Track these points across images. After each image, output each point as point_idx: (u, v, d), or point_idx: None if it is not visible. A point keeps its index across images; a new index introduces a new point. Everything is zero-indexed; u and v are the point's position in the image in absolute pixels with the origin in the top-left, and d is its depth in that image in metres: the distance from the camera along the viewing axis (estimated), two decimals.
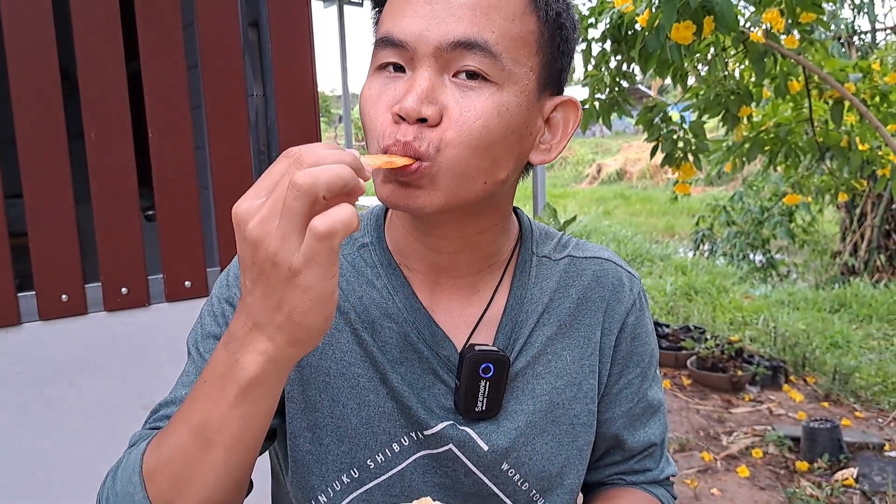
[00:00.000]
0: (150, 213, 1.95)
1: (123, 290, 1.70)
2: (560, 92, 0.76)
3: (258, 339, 0.57)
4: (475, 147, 0.68)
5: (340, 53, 7.88)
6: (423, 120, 0.66)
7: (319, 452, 0.78)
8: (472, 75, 0.68)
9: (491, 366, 0.77)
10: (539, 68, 0.71)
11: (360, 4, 7.61)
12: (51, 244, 1.62)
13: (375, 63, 0.71)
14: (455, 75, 0.68)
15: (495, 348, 0.79)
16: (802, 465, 3.47)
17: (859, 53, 6.88)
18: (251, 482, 0.73)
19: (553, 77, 0.74)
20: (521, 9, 0.69)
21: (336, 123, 19.90)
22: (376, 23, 0.76)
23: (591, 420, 0.85)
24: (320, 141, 1.92)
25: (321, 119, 2.02)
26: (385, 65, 0.70)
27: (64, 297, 1.64)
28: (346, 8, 7.54)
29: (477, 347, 0.78)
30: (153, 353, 1.73)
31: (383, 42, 0.69)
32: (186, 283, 1.78)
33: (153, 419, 0.78)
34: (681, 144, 3.07)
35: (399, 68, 0.69)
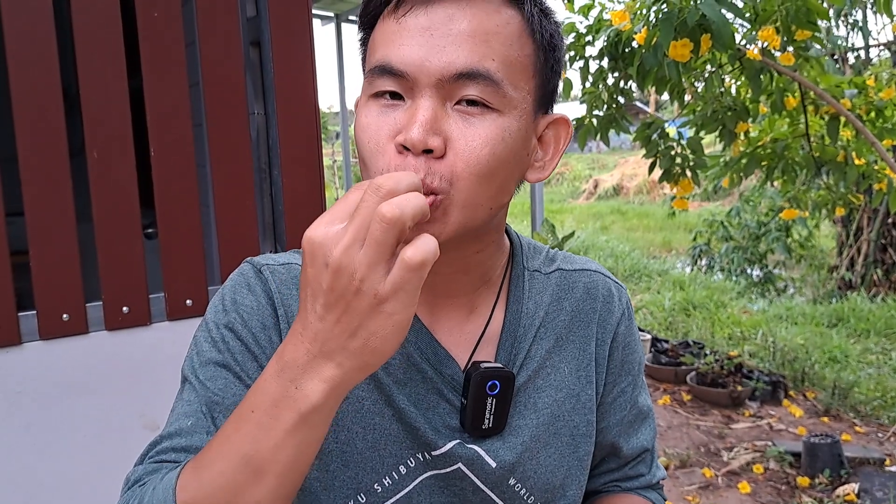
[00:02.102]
0: (150, 231, 1.95)
1: (125, 308, 1.70)
2: (551, 110, 0.78)
3: (325, 366, 0.56)
4: (484, 176, 0.68)
5: (338, 71, 7.92)
6: (427, 150, 0.66)
7: (326, 479, 0.77)
8: (474, 103, 0.67)
9: (497, 383, 0.77)
10: (535, 90, 0.72)
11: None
12: (52, 263, 1.62)
13: (370, 90, 0.70)
14: (457, 103, 0.68)
15: (500, 365, 0.79)
16: (804, 481, 3.46)
17: (853, 70, 6.93)
18: None
19: (547, 97, 0.75)
20: (517, 33, 0.69)
21: (333, 140, 19.94)
22: (363, 43, 0.75)
23: (590, 430, 0.86)
24: (321, 157, 1.93)
25: None
26: (381, 93, 0.69)
27: (65, 316, 1.63)
28: (344, 26, 7.59)
29: (483, 365, 0.78)
30: (155, 372, 1.73)
31: (380, 70, 0.68)
32: (188, 301, 1.77)
33: (156, 452, 0.74)
34: (678, 160, 3.09)
35: (396, 95, 0.69)
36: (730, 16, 2.19)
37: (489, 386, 0.77)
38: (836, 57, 6.66)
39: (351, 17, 7.60)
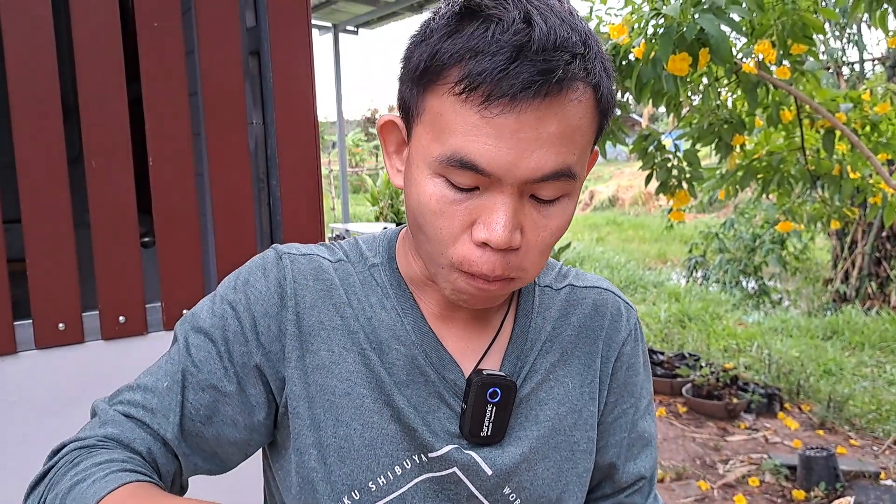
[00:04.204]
0: (148, 240, 1.94)
1: (121, 318, 1.69)
2: None
3: None
4: (546, 254, 0.72)
5: (335, 81, 7.94)
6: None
7: (323, 471, 0.78)
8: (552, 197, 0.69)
9: (498, 390, 0.78)
10: (590, 150, 0.73)
11: (356, 32, 7.68)
12: (48, 271, 1.61)
13: (442, 172, 0.67)
14: (532, 195, 0.68)
15: (503, 373, 0.80)
16: (799, 494, 3.45)
17: (848, 84, 6.97)
18: None
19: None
20: (591, 116, 0.68)
21: (330, 149, 19.95)
22: (412, 93, 0.70)
23: (590, 447, 0.86)
24: (319, 167, 1.93)
25: None
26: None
27: (61, 325, 1.63)
28: (342, 36, 7.61)
29: (485, 372, 0.79)
30: None
31: (461, 164, 0.65)
32: (185, 311, 1.77)
33: (127, 401, 0.77)
34: (675, 172, 3.10)
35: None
36: (726, 30, 2.21)
37: (490, 393, 0.77)
38: (830, 70, 6.70)
39: (348, 28, 7.62)
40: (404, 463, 0.78)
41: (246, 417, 0.78)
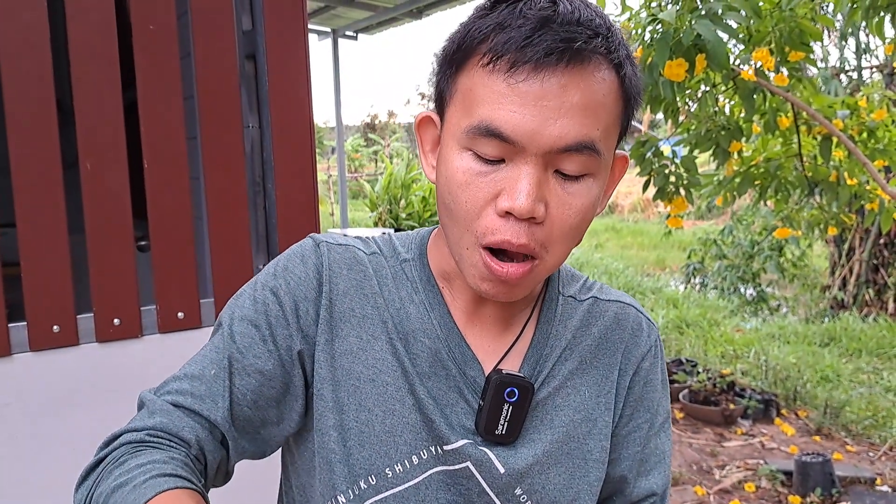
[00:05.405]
0: (143, 243, 1.94)
1: (116, 320, 1.69)
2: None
3: None
4: (573, 238, 0.73)
5: (334, 86, 7.94)
6: (531, 218, 0.68)
7: (342, 454, 0.79)
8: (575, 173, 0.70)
9: (515, 390, 0.79)
10: (617, 142, 0.74)
11: (355, 38, 7.69)
12: (43, 274, 1.61)
13: (469, 144, 0.70)
14: (557, 170, 0.69)
15: (521, 374, 0.81)
16: (795, 500, 3.45)
17: (846, 90, 6.98)
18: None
19: (621, 140, 0.77)
20: (615, 98, 0.70)
21: (329, 155, 19.95)
22: (446, 73, 0.74)
23: (603, 457, 0.86)
24: (315, 170, 1.93)
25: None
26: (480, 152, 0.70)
27: (55, 327, 1.62)
28: (341, 41, 7.61)
29: (504, 371, 0.81)
30: (145, 385, 1.70)
31: (487, 132, 0.68)
32: (179, 314, 1.76)
33: (176, 391, 0.78)
34: (673, 179, 3.10)
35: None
36: (724, 36, 2.21)
37: (507, 392, 0.79)
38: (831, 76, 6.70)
39: (347, 33, 7.62)
40: (421, 453, 0.80)
41: (288, 399, 0.80)
